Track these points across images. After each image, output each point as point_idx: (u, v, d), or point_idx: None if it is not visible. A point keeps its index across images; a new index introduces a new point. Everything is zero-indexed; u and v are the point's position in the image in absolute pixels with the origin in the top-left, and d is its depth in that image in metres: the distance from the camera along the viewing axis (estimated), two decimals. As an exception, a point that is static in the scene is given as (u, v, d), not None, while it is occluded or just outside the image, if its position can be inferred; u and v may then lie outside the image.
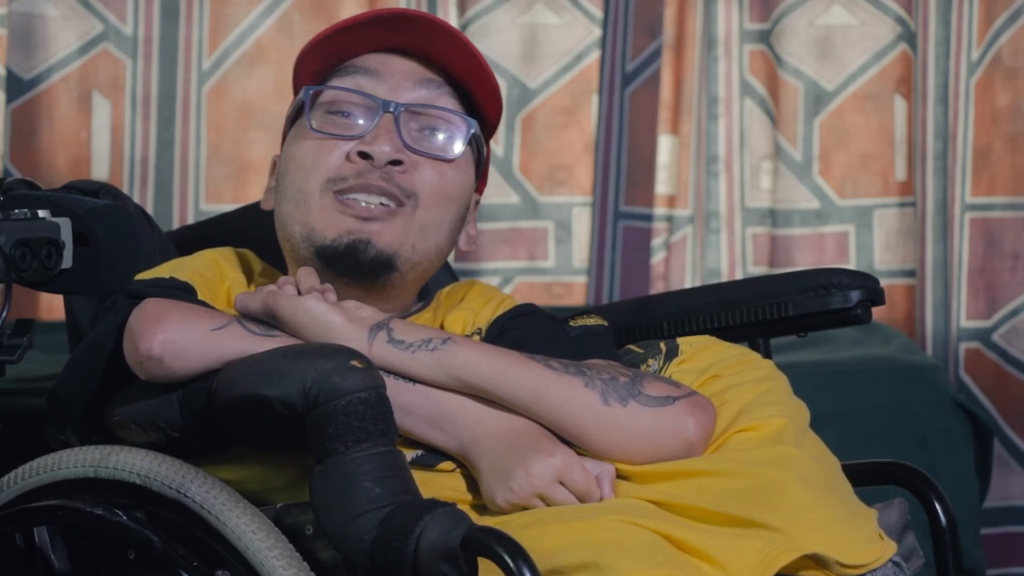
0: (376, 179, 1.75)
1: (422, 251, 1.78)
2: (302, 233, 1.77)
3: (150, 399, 1.63)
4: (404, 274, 1.78)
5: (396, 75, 1.79)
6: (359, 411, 1.48)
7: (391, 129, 1.76)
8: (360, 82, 1.79)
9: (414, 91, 1.79)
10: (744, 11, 3.31)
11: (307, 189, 1.76)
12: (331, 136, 1.77)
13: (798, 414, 1.67)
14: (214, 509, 1.56)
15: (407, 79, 1.79)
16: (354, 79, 1.79)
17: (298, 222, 1.77)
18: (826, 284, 1.96)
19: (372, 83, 1.78)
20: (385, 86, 1.78)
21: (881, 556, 1.58)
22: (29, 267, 1.57)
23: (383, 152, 1.75)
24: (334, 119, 1.78)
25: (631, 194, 3.27)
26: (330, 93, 1.79)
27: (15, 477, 1.71)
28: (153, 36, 3.13)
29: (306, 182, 1.77)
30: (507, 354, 1.63)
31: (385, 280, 1.76)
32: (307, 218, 1.76)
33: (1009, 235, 3.22)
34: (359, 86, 1.78)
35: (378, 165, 1.75)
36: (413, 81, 1.79)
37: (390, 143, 1.75)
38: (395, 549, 1.44)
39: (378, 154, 1.75)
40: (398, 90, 1.78)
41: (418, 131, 1.78)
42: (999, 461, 3.17)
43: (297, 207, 1.77)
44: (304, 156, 1.78)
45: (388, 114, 1.76)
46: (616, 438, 1.61)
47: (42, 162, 3.10)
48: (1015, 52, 3.21)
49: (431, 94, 1.79)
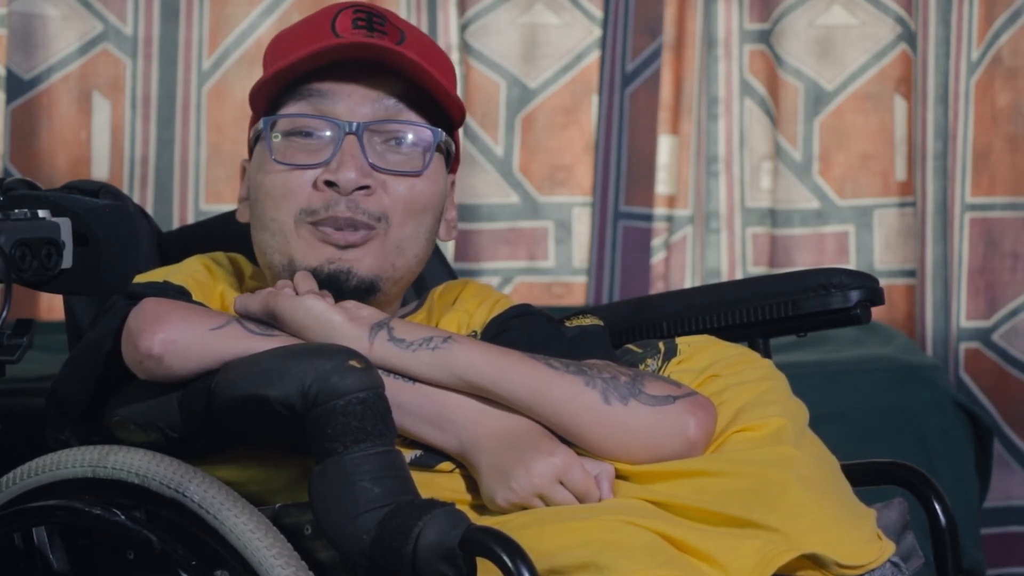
0: (343, 211, 1.73)
1: (402, 267, 1.77)
2: (282, 263, 1.76)
3: (149, 399, 1.63)
4: (388, 292, 1.78)
5: (353, 94, 1.76)
6: (358, 411, 1.48)
7: (355, 153, 1.73)
8: (317, 104, 1.75)
9: (372, 107, 1.75)
10: (744, 11, 3.31)
11: (281, 219, 1.75)
12: (296, 167, 1.75)
13: (797, 414, 1.67)
14: (213, 509, 1.56)
15: (364, 97, 1.76)
16: (310, 102, 1.76)
17: (277, 251, 1.76)
18: (826, 284, 1.96)
19: (330, 103, 1.75)
20: (343, 105, 1.75)
21: (880, 556, 1.58)
22: (29, 267, 1.57)
23: (349, 179, 1.73)
24: (297, 142, 1.75)
25: (631, 194, 3.27)
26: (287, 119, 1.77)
27: (15, 477, 1.71)
28: (153, 36, 3.13)
29: (278, 211, 1.75)
30: (508, 353, 1.63)
31: (370, 301, 1.75)
32: (286, 248, 1.75)
33: (1009, 235, 3.22)
34: (317, 109, 1.75)
35: (344, 193, 1.73)
36: (370, 98, 1.76)
37: (355, 168, 1.73)
38: (394, 549, 1.44)
39: (343, 182, 1.73)
40: (356, 109, 1.75)
41: (383, 144, 1.76)
42: (999, 461, 3.17)
43: (274, 237, 1.76)
44: (272, 186, 1.76)
45: (351, 135, 1.74)
46: (617, 437, 1.61)
47: (42, 162, 3.10)
48: (1015, 52, 3.21)
49: (391, 108, 1.76)
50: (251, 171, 1.80)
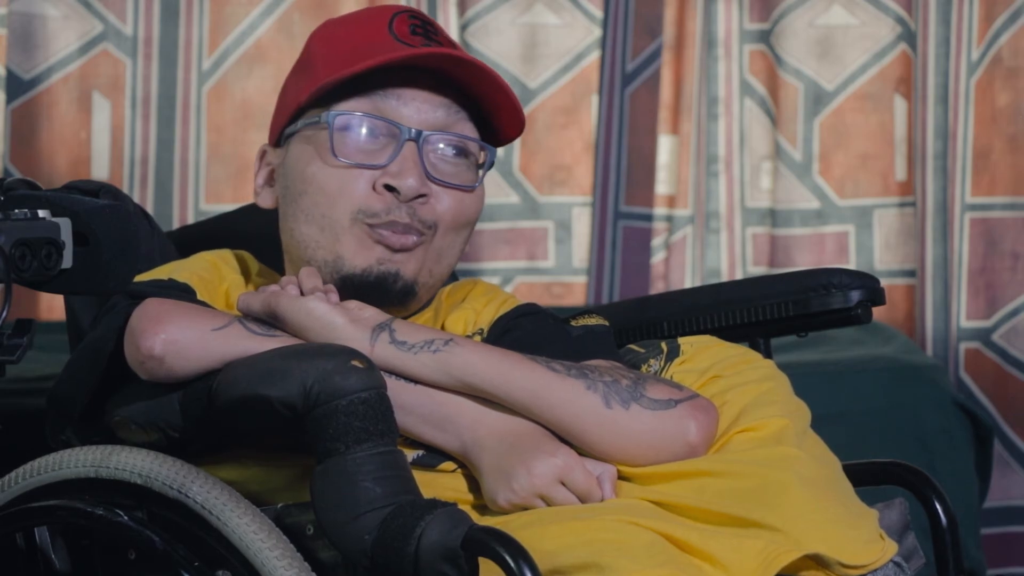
0: (403, 216, 1.73)
1: (438, 274, 1.78)
2: (327, 259, 1.75)
3: (150, 399, 1.63)
4: (421, 298, 1.78)
5: (417, 98, 1.76)
6: (360, 411, 1.48)
7: (415, 160, 1.74)
8: (379, 105, 1.75)
9: (434, 115, 1.76)
10: (744, 11, 3.31)
11: (334, 216, 1.74)
12: (357, 166, 1.75)
13: (799, 414, 1.67)
14: (215, 509, 1.56)
15: (426, 102, 1.76)
16: (372, 101, 1.75)
17: (323, 248, 1.75)
18: (826, 284, 1.96)
19: (393, 106, 1.75)
20: (407, 110, 1.75)
21: (882, 556, 1.58)
22: (29, 267, 1.57)
23: (410, 187, 1.73)
24: (354, 141, 1.75)
25: (631, 194, 3.27)
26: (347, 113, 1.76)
27: (15, 477, 1.71)
28: (153, 36, 3.13)
29: (332, 209, 1.74)
30: (509, 356, 1.63)
31: (406, 304, 1.76)
32: (334, 245, 1.74)
33: (1009, 235, 3.22)
34: (379, 110, 1.75)
35: (404, 200, 1.73)
36: (433, 105, 1.76)
37: (415, 176, 1.73)
38: (396, 549, 1.44)
39: (404, 188, 1.73)
40: (419, 114, 1.75)
41: (438, 157, 1.76)
42: (999, 461, 3.17)
43: (323, 232, 1.75)
44: (327, 182, 1.75)
45: (411, 142, 1.74)
46: (618, 441, 1.61)
47: (42, 162, 3.10)
48: (1015, 52, 3.21)
49: (451, 117, 1.77)
50: (294, 162, 1.78)
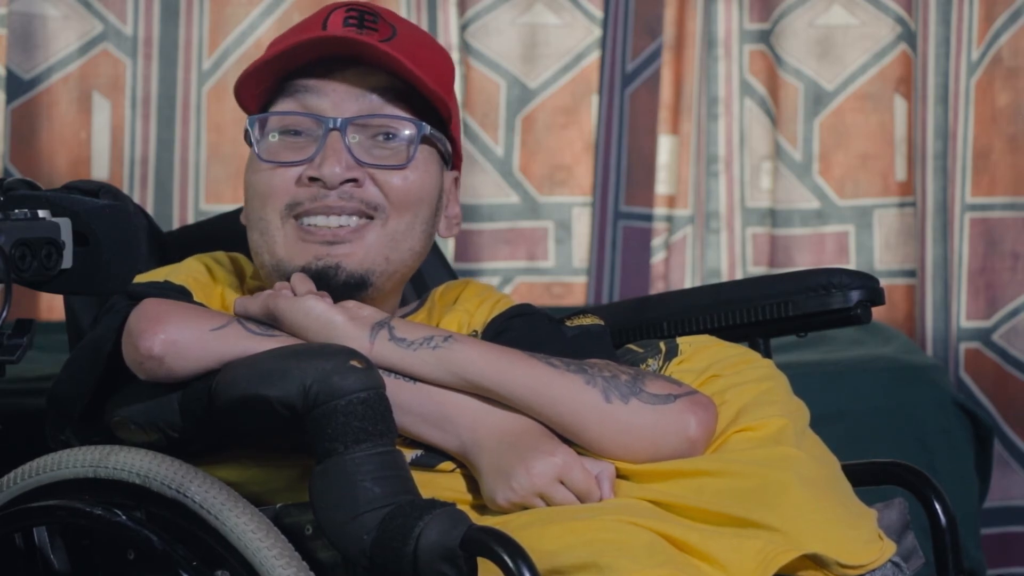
0: (334, 200, 1.73)
1: (396, 260, 1.77)
2: (271, 263, 1.76)
3: (150, 399, 1.63)
4: (380, 287, 1.77)
5: (338, 90, 1.76)
6: (359, 411, 1.48)
7: (339, 148, 1.74)
8: (303, 100, 1.76)
9: (357, 102, 1.76)
10: (744, 11, 3.31)
11: (267, 218, 1.76)
12: (281, 164, 1.75)
13: (798, 414, 1.67)
14: (214, 509, 1.56)
15: (348, 92, 1.76)
16: (296, 99, 1.76)
17: (266, 251, 1.76)
18: (826, 284, 1.96)
19: (314, 99, 1.76)
20: (328, 101, 1.76)
21: (881, 556, 1.58)
22: (29, 267, 1.57)
23: (333, 174, 1.73)
24: (285, 140, 1.76)
25: (631, 194, 3.27)
26: (276, 117, 1.78)
27: (15, 477, 1.71)
28: (153, 36, 3.13)
29: (264, 210, 1.76)
30: (508, 352, 1.63)
31: (362, 296, 1.75)
32: (272, 247, 1.76)
33: (1009, 235, 3.22)
34: (303, 106, 1.76)
35: (331, 187, 1.73)
36: (355, 93, 1.76)
37: (338, 163, 1.73)
38: (395, 549, 1.44)
39: (328, 176, 1.73)
40: (341, 104, 1.75)
41: (369, 139, 1.76)
42: (999, 461, 3.17)
43: (262, 236, 1.76)
44: (259, 184, 1.77)
45: (334, 131, 1.74)
46: (617, 436, 1.61)
47: (42, 162, 3.10)
48: (1015, 52, 3.21)
49: (375, 102, 1.76)
50: (245, 174, 1.81)
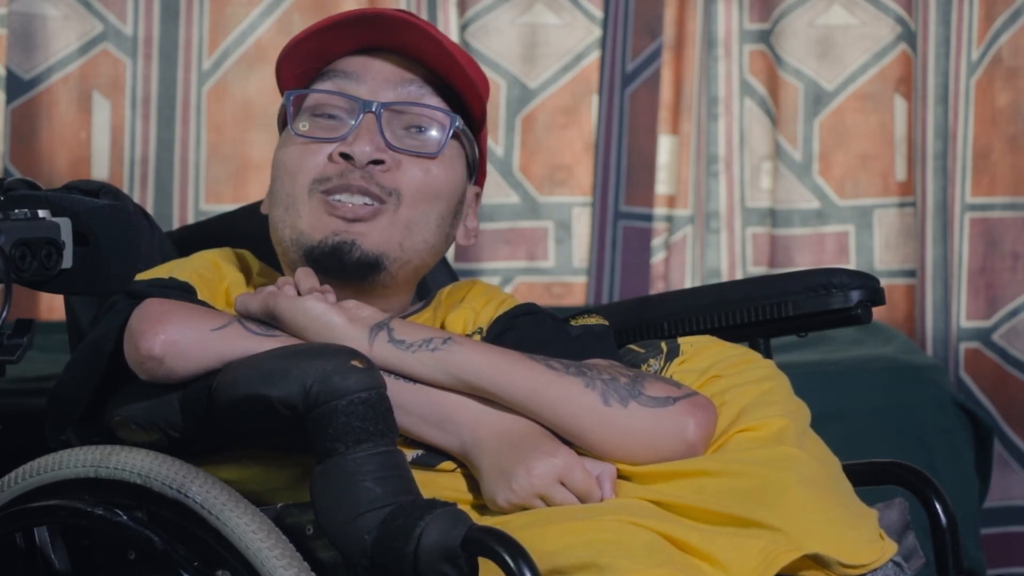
0: (357, 179, 1.76)
1: (411, 249, 1.78)
2: (291, 236, 1.78)
3: (150, 399, 1.63)
4: (394, 274, 1.78)
5: (376, 76, 1.80)
6: (360, 411, 1.48)
7: (372, 129, 1.77)
8: (341, 84, 1.80)
9: (394, 91, 1.79)
10: (744, 11, 3.31)
11: (295, 192, 1.78)
12: (315, 140, 1.78)
13: (799, 414, 1.67)
14: (215, 509, 1.56)
15: (387, 80, 1.80)
16: (335, 82, 1.80)
17: (288, 225, 1.78)
18: (826, 284, 1.96)
19: (353, 85, 1.79)
20: (366, 87, 1.79)
21: (881, 556, 1.58)
22: (29, 267, 1.57)
23: (363, 152, 1.76)
24: (319, 122, 1.79)
25: (631, 194, 3.27)
26: (314, 96, 1.81)
27: (15, 477, 1.71)
28: (153, 36, 3.13)
29: (293, 185, 1.78)
30: (508, 354, 1.63)
31: (375, 280, 1.76)
32: (296, 221, 1.77)
33: (1009, 235, 3.22)
34: (340, 88, 1.79)
35: (359, 165, 1.76)
36: (393, 82, 1.80)
37: (370, 143, 1.76)
38: (395, 549, 1.44)
39: (358, 154, 1.75)
40: (379, 91, 1.79)
41: (402, 129, 1.79)
42: (999, 461, 3.17)
43: (287, 211, 1.78)
44: (290, 160, 1.79)
45: (369, 114, 1.77)
46: (616, 439, 1.61)
47: (42, 162, 3.10)
48: (1015, 52, 3.21)
49: (412, 93, 1.80)
50: (275, 152, 1.83)
